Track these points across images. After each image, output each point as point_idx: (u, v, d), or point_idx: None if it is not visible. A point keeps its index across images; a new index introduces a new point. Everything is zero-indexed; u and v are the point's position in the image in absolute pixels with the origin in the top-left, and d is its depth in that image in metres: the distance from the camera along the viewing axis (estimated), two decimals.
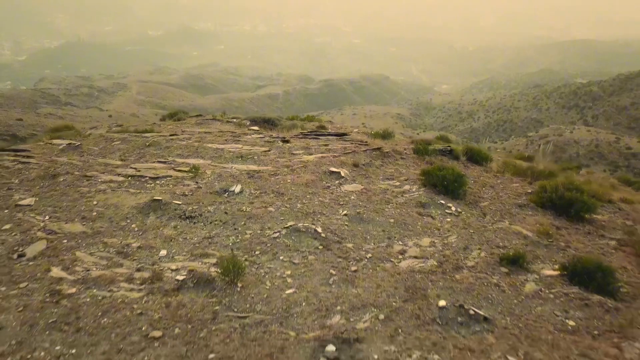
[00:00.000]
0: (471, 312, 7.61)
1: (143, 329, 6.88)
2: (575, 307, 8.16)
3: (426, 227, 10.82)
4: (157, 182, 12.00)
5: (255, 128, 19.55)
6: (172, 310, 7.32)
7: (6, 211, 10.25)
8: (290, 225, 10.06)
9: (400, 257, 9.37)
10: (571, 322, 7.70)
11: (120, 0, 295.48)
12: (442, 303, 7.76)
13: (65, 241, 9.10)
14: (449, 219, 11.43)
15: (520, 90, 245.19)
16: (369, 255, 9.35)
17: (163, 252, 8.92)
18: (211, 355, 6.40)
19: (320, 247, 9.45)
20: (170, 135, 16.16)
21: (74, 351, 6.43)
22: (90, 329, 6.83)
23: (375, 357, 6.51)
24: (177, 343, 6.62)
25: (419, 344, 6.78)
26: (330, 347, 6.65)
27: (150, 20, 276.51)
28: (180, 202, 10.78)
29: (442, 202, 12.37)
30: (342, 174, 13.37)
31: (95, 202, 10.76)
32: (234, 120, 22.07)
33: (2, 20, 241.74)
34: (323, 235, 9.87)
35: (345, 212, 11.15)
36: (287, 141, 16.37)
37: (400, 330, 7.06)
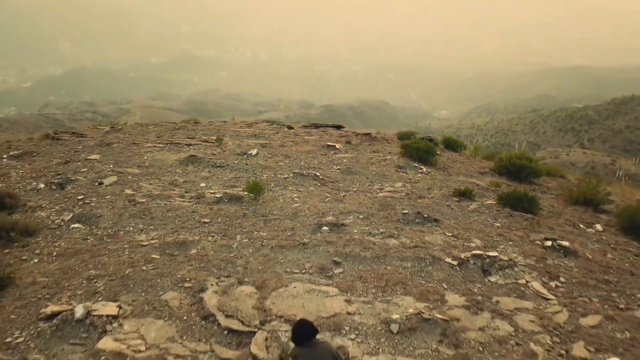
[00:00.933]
0: (425, 216, 10.78)
1: (196, 218, 10.04)
2: (502, 217, 11.31)
3: (400, 178, 14.01)
4: (191, 147, 15.24)
5: (264, 123, 22.84)
6: (215, 211, 10.48)
7: (79, 163, 13.48)
8: (296, 172, 13.29)
9: (378, 191, 12.55)
10: (497, 224, 10.83)
11: (124, 28, 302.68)
12: (405, 211, 10.93)
13: (129, 177, 12.32)
14: (419, 175, 14.62)
15: (518, 114, 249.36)
16: (355, 189, 12.55)
17: (202, 184, 12.12)
18: (244, 229, 9.55)
19: (318, 184, 12.66)
20: (195, 122, 19.44)
21: (151, 227, 9.58)
22: (160, 217, 9.99)
23: (355, 231, 9.65)
24: (220, 224, 9.78)
25: (385, 228, 9.92)
26: (325, 227, 9.80)
27: (153, 47, 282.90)
28: (211, 158, 14.02)
29: (416, 165, 15.57)
30: (337, 147, 16.61)
31: (145, 158, 13.99)
32: (245, 121, 25.40)
33: (8, 48, 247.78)
34: (321, 177, 13.09)
35: (338, 167, 14.37)
36: (292, 128, 19.63)
37: (373, 223, 10.22)
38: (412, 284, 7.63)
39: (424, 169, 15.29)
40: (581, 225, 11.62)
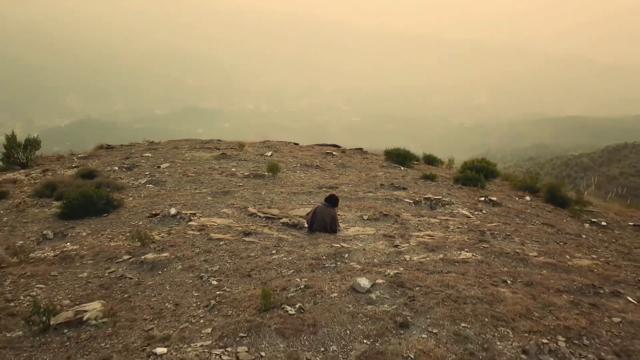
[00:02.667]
0: (396, 185, 14.93)
1: (233, 183, 14.20)
2: (455, 189, 15.43)
3: (382, 171, 18.20)
4: (220, 150, 19.51)
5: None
6: (245, 181, 14.65)
7: (137, 158, 17.73)
8: (302, 164, 17.53)
9: (364, 175, 16.73)
10: (449, 191, 14.94)
11: (129, 81, 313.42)
12: (382, 183, 15.09)
13: (178, 164, 16.54)
14: (397, 170, 18.79)
15: (515, 162, 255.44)
16: (347, 175, 16.75)
17: (233, 169, 16.32)
18: (268, 188, 13.69)
19: (319, 171, 16.87)
20: (218, 140, 23.77)
21: (203, 187, 13.72)
22: (207, 183, 14.17)
23: (345, 190, 13.80)
24: (251, 186, 13.93)
25: (366, 189, 14.07)
26: (324, 188, 13.95)
27: (158, 99, 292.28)
28: (237, 155, 18.28)
29: (396, 165, 19.77)
30: (334, 154, 20.87)
31: (186, 155, 18.25)
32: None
33: (15, 100, 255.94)
34: (321, 167, 17.32)
35: (334, 163, 18.60)
36: (297, 144, 23.94)
37: (358, 187, 14.36)
38: (380, 208, 11.73)
39: (402, 168, 19.48)
40: (515, 197, 15.73)
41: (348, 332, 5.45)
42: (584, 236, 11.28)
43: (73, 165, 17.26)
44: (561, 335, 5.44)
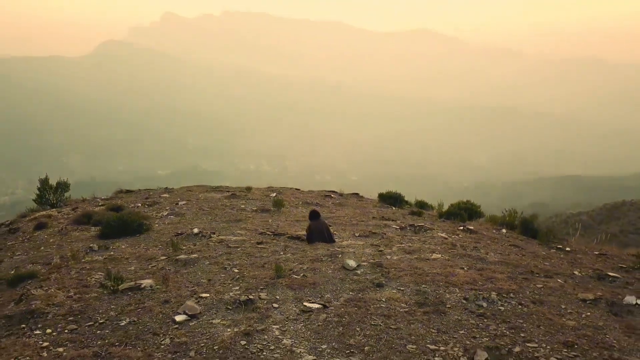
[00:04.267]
0: (386, 217, 17.00)
1: (244, 214, 16.30)
2: (439, 222, 17.48)
3: (375, 209, 20.31)
4: (229, 192, 21.70)
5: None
6: (254, 214, 16.76)
7: (156, 197, 19.88)
8: (303, 202, 19.68)
9: (359, 212, 18.83)
10: (435, 224, 16.99)
11: (132, 142, 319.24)
12: (374, 216, 17.17)
13: (194, 202, 18.69)
14: (389, 210, 20.91)
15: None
16: (343, 211, 18.86)
17: (242, 206, 18.45)
18: (274, 218, 15.79)
19: (319, 207, 18.99)
20: (226, 186, 26.01)
21: (217, 218, 15.81)
22: (220, 215, 16.27)
23: (341, 220, 15.87)
24: (259, 218, 16.03)
25: (360, 219, 16.13)
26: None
27: (160, 160, 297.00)
28: (245, 196, 20.46)
29: (388, 206, 21.90)
30: (332, 196, 23.05)
31: (200, 196, 20.42)
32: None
33: (18, 160, 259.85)
34: (320, 205, 19.45)
35: (332, 203, 20.75)
36: (298, 189, 26.16)
37: (353, 217, 16.44)
38: (370, 229, 13.79)
39: (394, 208, 21.61)
40: (493, 230, 17.77)
41: (338, 288, 7.48)
42: (544, 253, 13.28)
43: (99, 204, 19.40)
44: (495, 292, 7.45)
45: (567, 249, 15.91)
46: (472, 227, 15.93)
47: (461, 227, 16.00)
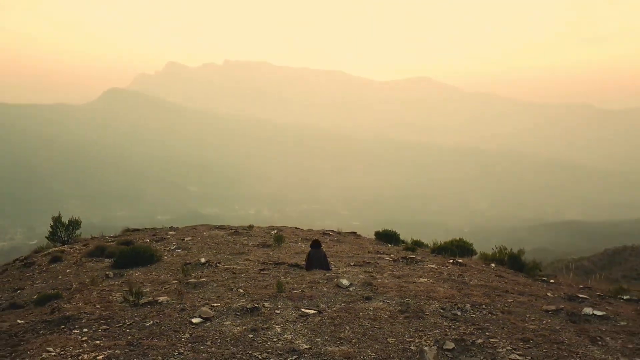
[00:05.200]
0: (382, 252, 18.06)
1: (246, 249, 17.38)
2: (431, 256, 18.52)
3: (372, 246, 21.37)
4: (232, 229, 22.80)
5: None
6: (256, 248, 17.83)
7: (163, 234, 20.97)
8: (302, 238, 20.77)
9: (356, 247, 19.89)
10: (427, 257, 18.03)
11: (132, 188, 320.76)
12: (370, 252, 18.23)
13: (199, 239, 19.78)
14: (384, 247, 21.95)
15: None
16: (341, 246, 19.93)
17: (245, 242, 19.54)
18: (274, 252, 16.86)
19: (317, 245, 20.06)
20: (229, 226, 27.11)
21: (221, 251, 16.88)
22: (224, 249, 17.35)
23: (339, 254, 16.93)
24: (261, 252, 17.10)
25: (357, 252, 17.20)
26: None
27: (160, 206, 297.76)
28: (247, 232, 21.57)
29: (384, 243, 22.95)
30: (331, 234, 24.13)
31: (205, 234, 21.52)
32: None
33: (17, 207, 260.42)
34: (320, 241, 20.52)
35: (330, 240, 21.83)
36: (298, 228, 27.26)
37: (351, 252, 17.50)
38: (365, 260, 14.85)
39: (390, 245, 22.65)
40: (482, 264, 18.79)
41: (332, 300, 8.58)
42: (525, 281, 14.30)
43: (109, 241, 20.48)
44: (469, 304, 8.53)
45: (552, 281, 16.91)
46: (461, 261, 16.97)
47: (451, 261, 17.04)
